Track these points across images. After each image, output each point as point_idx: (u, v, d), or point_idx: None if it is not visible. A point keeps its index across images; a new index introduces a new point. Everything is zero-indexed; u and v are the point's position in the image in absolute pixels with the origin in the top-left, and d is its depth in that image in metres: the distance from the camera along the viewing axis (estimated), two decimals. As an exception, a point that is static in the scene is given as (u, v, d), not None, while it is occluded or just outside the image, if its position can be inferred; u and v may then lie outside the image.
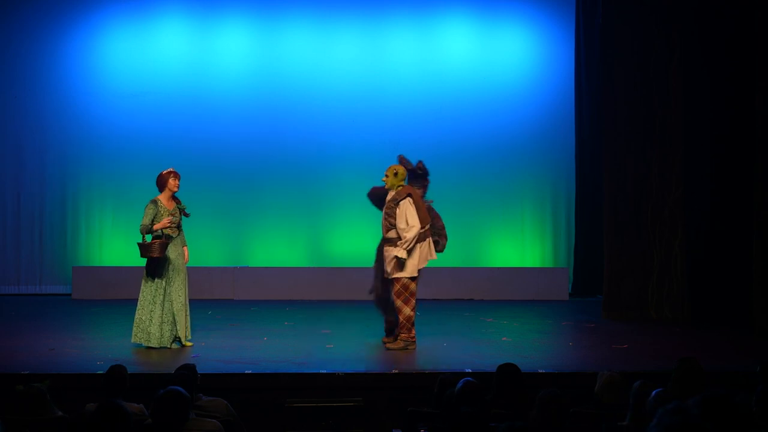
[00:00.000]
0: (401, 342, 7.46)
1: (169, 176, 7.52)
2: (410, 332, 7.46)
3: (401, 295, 7.41)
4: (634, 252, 9.60)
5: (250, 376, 6.41)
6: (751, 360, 6.58)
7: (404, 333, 7.46)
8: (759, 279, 8.63)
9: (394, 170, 7.48)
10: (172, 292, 7.46)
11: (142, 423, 4.44)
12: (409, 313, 7.43)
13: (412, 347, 7.46)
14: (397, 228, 7.32)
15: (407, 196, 7.37)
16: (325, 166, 11.57)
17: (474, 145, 11.71)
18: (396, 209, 7.34)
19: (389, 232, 7.40)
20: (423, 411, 5.02)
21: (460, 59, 11.85)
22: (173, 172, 7.56)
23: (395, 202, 7.37)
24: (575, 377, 6.43)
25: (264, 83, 11.76)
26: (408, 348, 7.44)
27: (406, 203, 7.33)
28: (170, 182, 7.51)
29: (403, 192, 7.40)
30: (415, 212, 7.34)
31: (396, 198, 7.39)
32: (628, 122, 9.72)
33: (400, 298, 7.42)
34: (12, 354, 7.09)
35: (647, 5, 9.69)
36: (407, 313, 7.42)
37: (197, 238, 11.64)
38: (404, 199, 7.34)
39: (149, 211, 7.42)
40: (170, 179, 7.52)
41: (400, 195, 7.38)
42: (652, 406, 4.03)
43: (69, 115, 11.62)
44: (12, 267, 11.56)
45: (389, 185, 7.49)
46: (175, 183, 7.54)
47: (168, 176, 7.52)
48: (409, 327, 7.45)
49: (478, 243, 11.83)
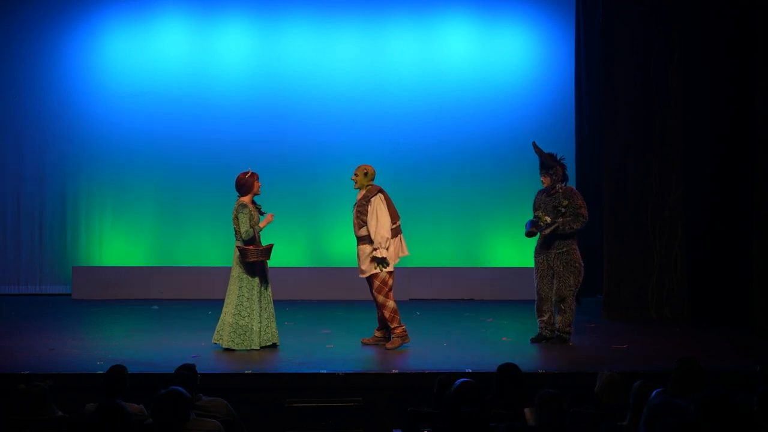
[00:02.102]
0: (397, 339, 7.50)
1: (253, 179, 7.46)
2: (401, 325, 7.51)
3: (381, 290, 7.49)
4: (634, 252, 9.60)
5: (250, 376, 6.41)
6: (751, 360, 6.57)
7: (396, 327, 7.50)
8: (759, 279, 8.63)
9: (364, 170, 7.63)
10: (269, 294, 7.47)
11: (142, 423, 4.45)
12: (393, 306, 7.50)
13: (407, 341, 7.54)
14: (368, 225, 7.42)
15: (378, 192, 7.51)
16: (325, 166, 11.57)
17: (474, 145, 11.71)
18: (368, 206, 7.46)
19: (361, 229, 7.51)
20: (423, 411, 5.02)
21: (460, 59, 11.85)
22: (255, 174, 7.49)
23: (366, 199, 7.50)
24: (575, 377, 6.43)
25: (264, 83, 11.76)
26: (406, 342, 7.51)
27: (377, 200, 7.47)
28: (256, 185, 7.47)
29: (374, 189, 7.54)
30: (386, 209, 7.46)
31: (367, 195, 7.52)
32: (628, 122, 9.72)
33: (381, 293, 7.49)
34: (12, 354, 7.09)
35: (647, 5, 9.69)
36: (391, 306, 7.50)
37: (197, 238, 11.69)
38: (375, 196, 7.49)
39: (245, 215, 7.35)
40: (255, 182, 7.47)
41: (371, 192, 7.52)
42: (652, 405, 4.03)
43: (69, 115, 11.62)
44: (12, 267, 11.56)
45: (359, 185, 7.63)
46: (259, 185, 7.51)
47: (252, 179, 7.46)
48: (398, 319, 7.50)
49: (478, 243, 11.83)
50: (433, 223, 11.60)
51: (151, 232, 11.60)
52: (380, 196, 7.50)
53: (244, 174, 7.47)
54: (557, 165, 7.86)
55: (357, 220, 7.54)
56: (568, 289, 7.73)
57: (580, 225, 7.76)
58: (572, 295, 7.77)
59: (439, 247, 11.71)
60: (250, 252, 7.29)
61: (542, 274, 7.83)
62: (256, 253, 7.30)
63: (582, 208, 7.75)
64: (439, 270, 11.54)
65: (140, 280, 11.32)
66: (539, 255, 7.86)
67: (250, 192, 7.47)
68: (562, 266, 7.73)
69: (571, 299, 7.77)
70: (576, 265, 7.75)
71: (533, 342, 7.87)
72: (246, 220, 7.33)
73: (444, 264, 11.67)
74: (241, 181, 7.45)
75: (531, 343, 7.86)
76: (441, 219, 11.71)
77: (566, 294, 7.73)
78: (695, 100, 9.62)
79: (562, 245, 7.74)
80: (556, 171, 7.82)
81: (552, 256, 7.77)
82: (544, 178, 7.88)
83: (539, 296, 7.87)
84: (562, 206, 7.70)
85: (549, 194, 7.87)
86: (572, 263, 7.74)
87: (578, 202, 7.76)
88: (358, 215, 7.53)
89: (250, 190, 7.47)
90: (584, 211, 7.76)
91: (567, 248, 7.74)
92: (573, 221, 7.70)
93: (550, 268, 7.79)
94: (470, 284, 11.42)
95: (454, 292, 11.38)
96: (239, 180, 7.46)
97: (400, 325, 7.51)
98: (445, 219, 11.75)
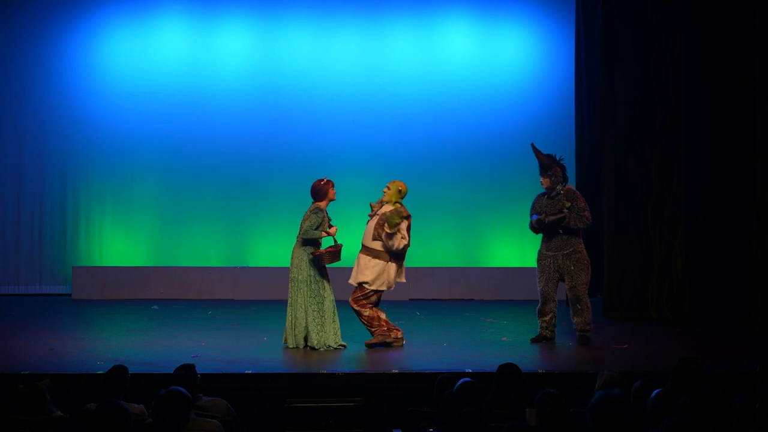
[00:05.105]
0: (378, 336, 7.48)
1: (328, 186, 7.49)
2: (381, 326, 7.47)
3: (359, 301, 7.48)
4: (634, 252, 9.60)
5: (250, 376, 6.40)
6: (751, 360, 6.57)
7: (377, 329, 7.47)
8: (759, 279, 8.63)
9: (398, 187, 7.56)
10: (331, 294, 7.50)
11: (142, 423, 4.45)
12: (368, 313, 7.46)
13: (389, 339, 7.49)
14: (392, 239, 7.36)
15: (407, 217, 7.44)
16: (325, 166, 11.49)
17: (474, 145, 11.71)
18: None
19: (374, 242, 7.44)
20: (423, 411, 5.02)
21: (460, 59, 11.85)
22: (331, 181, 7.52)
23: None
24: (575, 377, 6.43)
25: (264, 83, 11.76)
26: (390, 344, 7.47)
27: (403, 225, 7.40)
28: (331, 192, 7.49)
29: (405, 212, 7.46)
30: (407, 233, 7.43)
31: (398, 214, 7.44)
32: (628, 122, 9.72)
33: (357, 304, 7.48)
34: (12, 354, 7.08)
35: (647, 5, 9.69)
36: (367, 313, 7.47)
37: (197, 238, 11.69)
38: (405, 220, 7.41)
39: (317, 218, 7.37)
40: (331, 189, 7.49)
41: (401, 214, 7.42)
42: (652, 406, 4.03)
43: (69, 115, 11.62)
44: (12, 267, 11.56)
45: (387, 198, 7.56)
46: (334, 192, 7.53)
47: (328, 186, 7.48)
48: (378, 323, 7.47)
49: (478, 243, 11.83)
50: (433, 223, 11.60)
51: (151, 232, 11.60)
52: (406, 222, 7.44)
53: (319, 181, 7.51)
54: (556, 166, 7.84)
55: (374, 231, 7.46)
56: (582, 287, 7.71)
57: (584, 225, 7.75)
58: (586, 292, 7.75)
59: (439, 247, 11.72)
60: (325, 257, 7.36)
61: (548, 277, 7.80)
62: (329, 257, 7.37)
63: (585, 211, 7.73)
64: (439, 270, 11.54)
65: (140, 280, 11.32)
66: (545, 258, 7.81)
67: (325, 198, 7.50)
68: (572, 265, 7.70)
69: (585, 298, 7.75)
70: (585, 263, 7.74)
71: (533, 342, 7.86)
72: (316, 221, 7.36)
73: (444, 264, 11.67)
74: (317, 187, 7.51)
75: (531, 343, 7.85)
76: (441, 219, 11.71)
77: (581, 292, 7.71)
78: (695, 100, 9.62)
79: (569, 246, 7.72)
80: (555, 172, 7.80)
81: (560, 258, 7.73)
82: (543, 179, 7.86)
83: (543, 298, 7.84)
84: (565, 208, 7.69)
85: (550, 197, 7.83)
86: (581, 261, 7.72)
87: (581, 204, 7.74)
88: (377, 227, 7.44)
89: (326, 197, 7.50)
90: (587, 214, 7.74)
91: (573, 248, 7.72)
92: (577, 220, 7.69)
93: (557, 271, 7.76)
94: (470, 284, 11.42)
95: (454, 292, 11.38)
96: (315, 186, 7.52)
97: (380, 327, 7.49)
98: (445, 219, 11.76)
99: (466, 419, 3.88)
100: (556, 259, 7.75)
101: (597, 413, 3.01)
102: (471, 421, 3.88)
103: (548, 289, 7.81)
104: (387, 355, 7.27)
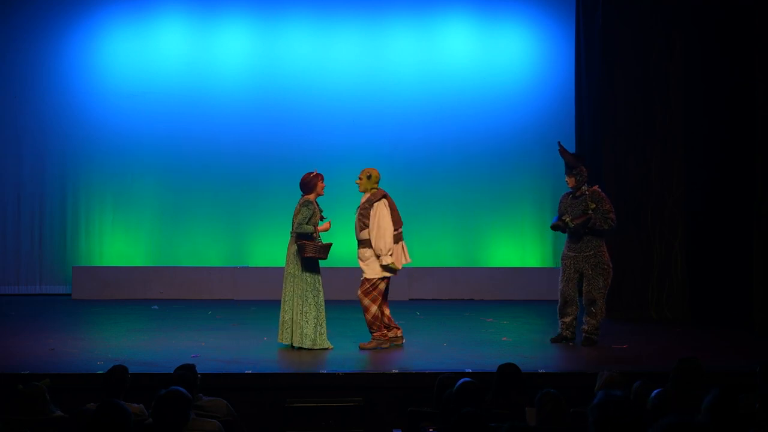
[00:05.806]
0: (374, 341, 7.48)
1: (317, 179, 7.51)
2: (381, 330, 7.48)
3: (369, 293, 7.46)
4: (634, 252, 9.60)
5: (250, 376, 6.41)
6: (751, 360, 6.58)
7: (375, 331, 7.48)
8: (759, 279, 8.64)
9: (368, 173, 7.58)
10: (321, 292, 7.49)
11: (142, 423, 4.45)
12: (375, 312, 7.45)
13: (385, 345, 7.49)
14: (369, 231, 7.38)
15: (382, 197, 7.46)
16: (325, 166, 11.44)
17: (474, 145, 11.71)
18: (370, 210, 7.42)
19: (362, 232, 7.47)
20: (423, 411, 5.02)
21: (460, 59, 11.84)
22: (320, 175, 7.53)
23: (370, 203, 7.46)
24: (575, 377, 6.43)
25: (264, 83, 11.75)
26: (383, 347, 7.47)
27: (380, 205, 7.43)
28: (320, 185, 7.51)
29: (378, 194, 7.49)
30: (389, 215, 7.42)
31: (371, 199, 7.48)
32: (628, 122, 9.73)
33: (368, 297, 7.45)
34: (12, 354, 7.09)
35: (647, 5, 9.69)
36: (373, 311, 7.45)
37: (197, 238, 11.69)
38: (379, 201, 7.44)
39: (308, 211, 7.37)
40: (320, 182, 7.51)
41: (375, 197, 7.47)
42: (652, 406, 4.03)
43: (69, 115, 11.61)
44: (12, 267, 11.55)
45: (363, 188, 7.59)
46: (323, 186, 7.55)
47: (317, 179, 7.51)
48: (379, 326, 7.48)
49: (478, 243, 11.82)
50: (433, 223, 11.60)
51: (151, 232, 11.60)
52: (384, 201, 7.46)
53: (309, 174, 7.54)
54: (581, 165, 7.83)
55: (359, 223, 7.50)
56: (597, 292, 7.69)
57: (609, 227, 7.71)
58: (602, 297, 7.72)
59: (439, 247, 11.71)
60: (308, 247, 7.31)
61: (569, 277, 7.79)
62: (314, 248, 7.32)
63: (610, 212, 7.69)
64: (439, 270, 11.53)
65: (140, 280, 11.31)
66: (566, 258, 7.81)
67: (313, 191, 7.52)
68: (590, 269, 7.69)
69: (601, 302, 7.72)
70: (605, 267, 7.70)
71: (553, 342, 7.86)
72: (307, 215, 7.37)
73: (444, 264, 11.66)
74: (306, 180, 7.54)
75: (551, 342, 7.84)
76: (441, 219, 11.70)
77: (596, 296, 7.69)
78: (695, 100, 9.62)
79: (590, 248, 7.68)
80: (580, 171, 7.78)
81: (580, 259, 7.72)
82: (568, 178, 7.84)
83: (563, 298, 7.83)
84: (590, 209, 7.66)
85: (575, 196, 7.81)
86: (601, 265, 7.68)
87: (606, 207, 7.71)
88: (360, 218, 7.49)
89: (314, 190, 7.52)
90: (612, 216, 7.70)
91: (595, 250, 7.68)
92: (602, 222, 7.67)
93: (577, 272, 7.75)
94: (470, 284, 11.42)
95: (454, 292, 11.37)
96: (304, 179, 7.55)
97: (379, 331, 7.50)
98: (445, 219, 11.75)
99: (466, 419, 3.89)
100: (577, 261, 7.73)
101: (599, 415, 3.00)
102: (471, 421, 3.88)
103: (568, 290, 7.80)
104: (387, 355, 7.28)
